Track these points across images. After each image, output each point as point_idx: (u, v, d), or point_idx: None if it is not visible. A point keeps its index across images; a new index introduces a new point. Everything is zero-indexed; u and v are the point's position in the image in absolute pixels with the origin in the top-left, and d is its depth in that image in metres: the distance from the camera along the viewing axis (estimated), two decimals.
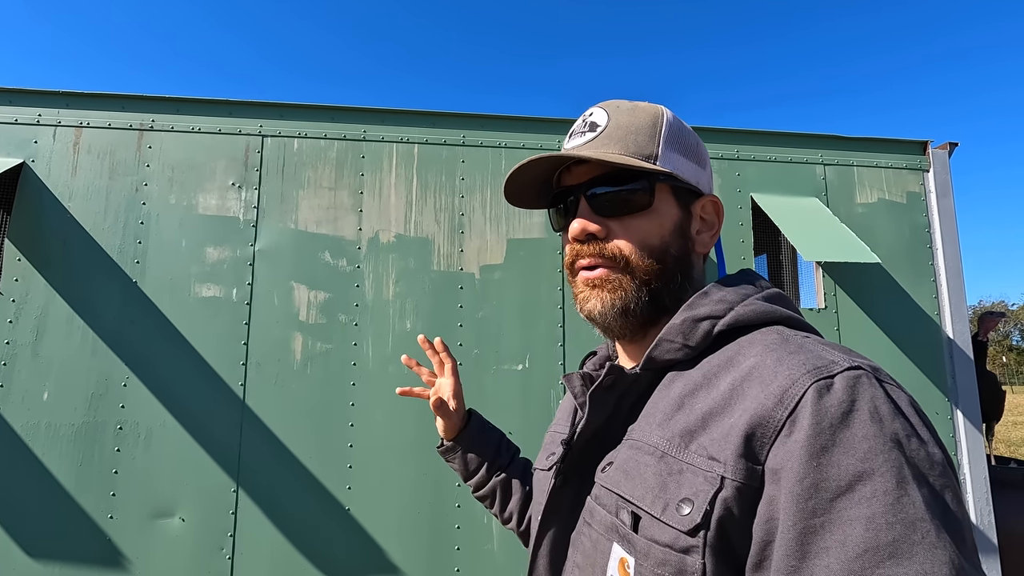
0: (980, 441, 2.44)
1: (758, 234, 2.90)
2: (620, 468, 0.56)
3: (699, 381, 0.55)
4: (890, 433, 0.43)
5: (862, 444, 0.43)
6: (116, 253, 2.14)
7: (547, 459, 0.74)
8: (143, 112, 2.24)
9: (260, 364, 2.13)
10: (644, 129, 0.63)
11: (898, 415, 0.45)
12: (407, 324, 2.22)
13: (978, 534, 2.34)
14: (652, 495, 0.51)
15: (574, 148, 0.64)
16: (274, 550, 2.02)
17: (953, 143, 2.66)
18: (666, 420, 0.55)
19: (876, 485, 0.41)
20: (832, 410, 0.44)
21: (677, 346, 0.58)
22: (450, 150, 2.37)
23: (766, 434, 0.46)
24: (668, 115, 0.65)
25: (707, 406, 0.52)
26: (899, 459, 0.42)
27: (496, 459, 0.97)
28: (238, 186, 2.24)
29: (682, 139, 0.65)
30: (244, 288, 2.17)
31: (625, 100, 0.67)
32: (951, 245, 2.55)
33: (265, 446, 2.08)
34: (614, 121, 0.63)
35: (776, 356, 0.50)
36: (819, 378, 0.46)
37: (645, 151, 0.62)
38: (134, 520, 1.99)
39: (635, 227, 0.62)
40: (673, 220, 0.64)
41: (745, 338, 0.56)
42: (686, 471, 0.50)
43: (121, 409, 2.04)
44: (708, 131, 2.55)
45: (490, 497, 0.96)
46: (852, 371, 0.46)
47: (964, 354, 2.47)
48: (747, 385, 0.50)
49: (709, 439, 0.50)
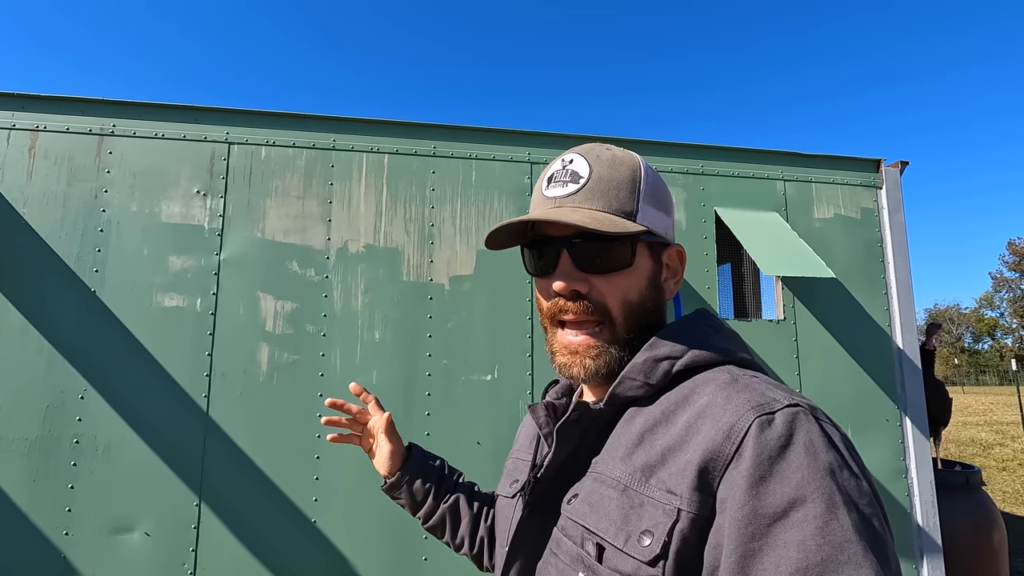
0: (927, 446, 2.57)
1: (723, 246, 2.99)
2: (585, 500, 0.60)
3: (658, 417, 0.59)
4: (823, 464, 0.48)
5: (796, 473, 0.47)
6: (74, 261, 2.08)
7: (510, 486, 0.77)
8: (103, 116, 2.18)
9: (225, 375, 2.10)
10: (624, 184, 0.64)
11: (831, 448, 0.50)
12: (376, 335, 2.22)
13: (924, 535, 2.47)
14: (615, 527, 0.55)
15: (557, 200, 0.65)
16: (238, 564, 1.99)
17: (904, 161, 2.79)
18: (628, 455, 0.59)
19: (808, 511, 0.46)
20: (771, 443, 0.49)
21: (639, 384, 0.62)
22: (421, 160, 2.37)
23: (716, 467, 0.51)
24: (644, 167, 0.67)
25: (666, 442, 0.56)
26: (831, 487, 0.47)
27: (441, 485, 0.97)
28: (203, 194, 2.20)
29: (656, 191, 0.67)
30: (209, 298, 2.14)
31: (601, 146, 0.68)
32: (902, 260, 2.68)
33: (229, 459, 2.05)
34: (596, 174, 0.64)
35: (726, 394, 0.55)
36: (761, 414, 0.51)
37: (626, 207, 0.64)
38: (91, 536, 1.94)
39: (617, 283, 0.64)
40: (648, 274, 0.66)
41: (700, 376, 0.60)
42: (647, 504, 0.54)
43: (78, 422, 1.99)
44: (675, 146, 2.61)
45: (440, 526, 0.96)
46: (791, 408, 0.52)
47: (913, 364, 2.60)
48: (701, 422, 0.54)
49: (667, 473, 0.54)
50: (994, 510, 2.99)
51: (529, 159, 2.45)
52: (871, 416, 2.51)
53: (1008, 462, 9.02)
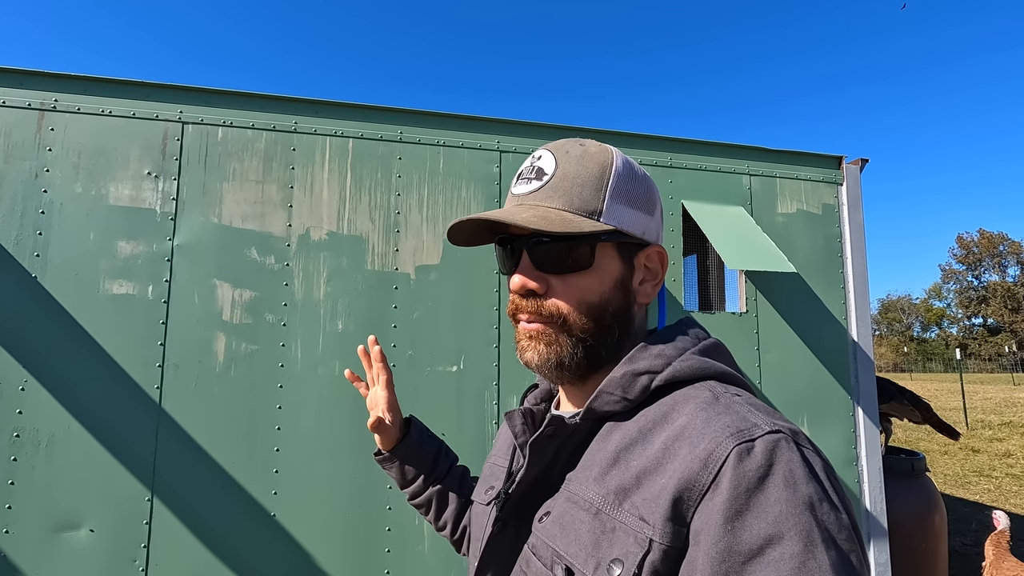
0: (876, 435, 2.68)
1: (689, 238, 3.02)
2: (556, 521, 0.58)
3: (635, 436, 0.57)
4: (803, 497, 0.46)
5: (774, 508, 0.45)
6: (12, 245, 1.95)
7: (485, 493, 0.75)
8: (44, 90, 2.04)
9: (179, 366, 2.02)
10: (590, 182, 0.61)
11: (812, 479, 0.48)
12: (339, 325, 2.17)
13: (872, 519, 2.58)
14: (585, 553, 0.53)
15: (520, 198, 0.64)
16: (193, 560, 1.94)
17: (864, 159, 2.86)
18: (602, 475, 0.57)
19: (784, 549, 0.44)
20: (749, 474, 0.47)
21: (616, 398, 0.60)
22: (386, 146, 2.31)
23: (691, 497, 0.49)
24: (618, 163, 0.63)
25: (641, 464, 0.54)
26: (809, 522, 0.45)
27: (434, 470, 0.97)
28: (155, 176, 2.09)
29: (630, 189, 0.63)
30: (161, 285, 2.04)
31: (576, 142, 0.65)
32: (859, 255, 2.76)
33: (184, 452, 1.98)
34: (561, 170, 0.62)
35: (705, 416, 0.53)
36: (741, 441, 0.49)
37: (589, 206, 0.61)
38: (34, 534, 1.85)
39: (575, 284, 0.62)
40: (614, 276, 0.63)
41: (680, 393, 0.58)
42: (618, 529, 0.52)
43: (18, 415, 1.88)
44: (644, 138, 2.62)
45: (425, 506, 0.97)
46: (772, 435, 0.49)
47: (866, 356, 2.69)
48: (678, 445, 0.52)
49: (641, 499, 0.52)
50: (936, 494, 3.15)
51: (498, 147, 2.41)
52: (826, 406, 2.60)
53: (949, 446, 9.54)
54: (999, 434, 10.77)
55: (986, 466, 8.16)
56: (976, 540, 4.94)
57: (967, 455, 8.95)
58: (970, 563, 4.41)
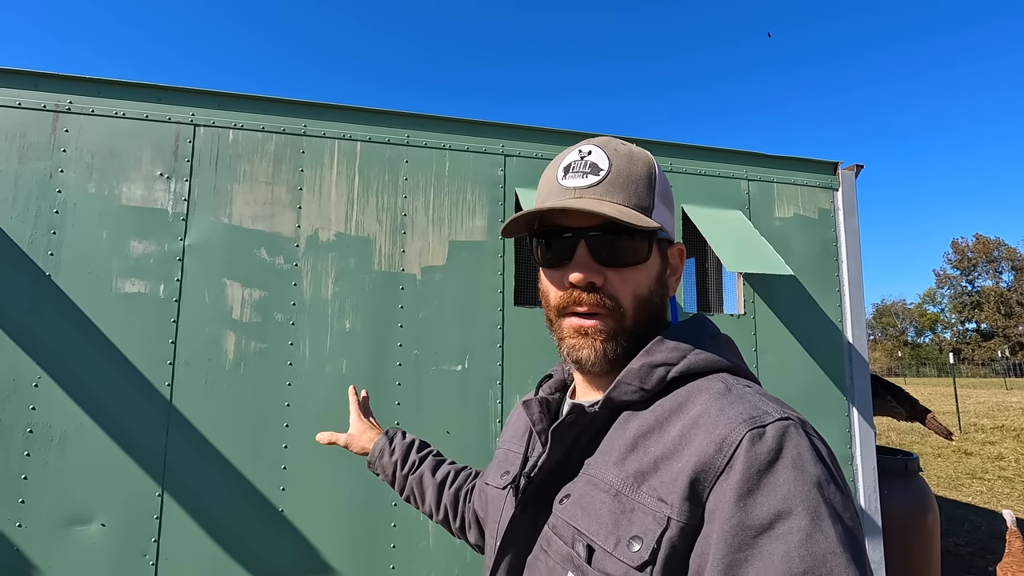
0: (871, 434, 2.73)
1: (689, 242, 3.08)
2: (577, 502, 0.61)
3: (652, 424, 0.60)
4: (811, 477, 0.50)
5: (783, 487, 0.49)
6: (27, 244, 1.99)
7: (501, 477, 0.78)
8: (59, 92, 2.08)
9: (189, 363, 2.06)
10: (642, 180, 0.65)
11: (819, 461, 0.52)
12: (346, 324, 2.21)
13: (866, 517, 2.63)
14: (606, 531, 0.57)
15: (578, 191, 0.64)
16: (202, 554, 1.97)
17: (859, 165, 2.93)
18: (621, 460, 0.60)
19: (792, 523, 0.48)
20: (761, 457, 0.51)
21: (634, 388, 0.63)
22: (394, 149, 2.36)
23: (707, 478, 0.53)
24: (656, 165, 0.67)
25: (659, 450, 0.58)
26: (817, 499, 0.49)
27: (406, 461, 1.06)
28: (167, 177, 2.13)
29: (665, 190, 0.68)
30: (172, 284, 2.08)
31: (616, 140, 0.68)
32: (854, 259, 2.82)
33: (194, 448, 2.02)
34: (616, 167, 0.64)
35: (719, 405, 0.57)
36: (753, 427, 0.53)
37: (643, 203, 0.64)
38: (46, 528, 1.88)
39: (631, 278, 0.64)
40: (657, 270, 0.67)
41: (694, 384, 0.62)
42: (637, 509, 0.55)
43: (32, 411, 1.92)
44: (646, 143, 2.67)
45: (412, 498, 1.06)
46: (782, 421, 0.53)
47: (861, 358, 2.75)
48: (694, 432, 0.56)
49: (659, 481, 0.55)
50: (929, 494, 3.20)
51: (503, 151, 2.46)
52: (821, 406, 2.65)
53: (943, 449, 9.63)
54: (991, 437, 10.87)
55: (978, 469, 8.24)
56: (968, 540, 5.00)
57: (960, 458, 9.03)
58: (962, 563, 4.47)
